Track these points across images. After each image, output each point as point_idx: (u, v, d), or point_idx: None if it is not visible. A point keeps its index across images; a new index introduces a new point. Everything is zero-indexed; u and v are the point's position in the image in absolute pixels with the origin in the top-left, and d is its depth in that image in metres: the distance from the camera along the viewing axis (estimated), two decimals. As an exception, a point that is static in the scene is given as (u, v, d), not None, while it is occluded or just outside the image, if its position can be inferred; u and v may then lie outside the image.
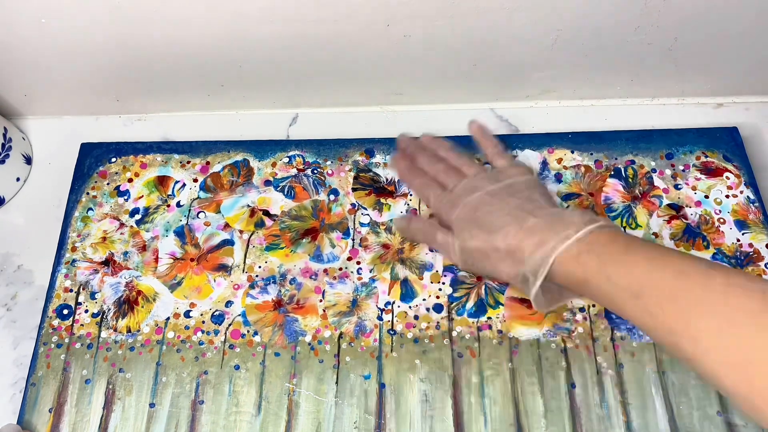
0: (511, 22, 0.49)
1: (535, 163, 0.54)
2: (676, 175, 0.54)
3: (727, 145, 0.55)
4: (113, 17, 0.48)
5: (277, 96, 0.59)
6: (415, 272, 0.50)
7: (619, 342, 0.47)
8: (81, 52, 0.52)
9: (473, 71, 0.56)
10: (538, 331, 0.47)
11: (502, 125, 0.59)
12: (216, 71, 0.55)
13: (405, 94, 0.59)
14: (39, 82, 0.57)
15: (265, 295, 0.49)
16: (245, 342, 0.47)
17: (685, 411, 0.44)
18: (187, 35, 0.50)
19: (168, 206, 0.53)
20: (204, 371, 0.46)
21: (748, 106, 0.60)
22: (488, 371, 0.46)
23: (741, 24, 0.50)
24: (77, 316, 0.49)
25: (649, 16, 0.49)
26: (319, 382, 0.46)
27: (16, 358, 0.49)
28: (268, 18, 0.48)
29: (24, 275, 0.53)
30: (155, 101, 0.59)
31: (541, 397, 0.45)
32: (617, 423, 0.44)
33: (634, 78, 0.57)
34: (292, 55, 0.53)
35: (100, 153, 0.56)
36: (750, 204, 0.52)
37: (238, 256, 0.51)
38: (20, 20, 0.49)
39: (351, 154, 0.56)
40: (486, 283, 0.49)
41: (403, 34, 0.50)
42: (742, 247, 0.50)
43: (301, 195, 0.54)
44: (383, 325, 0.48)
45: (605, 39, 0.52)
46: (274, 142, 0.57)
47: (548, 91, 0.59)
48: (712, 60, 0.55)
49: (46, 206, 0.55)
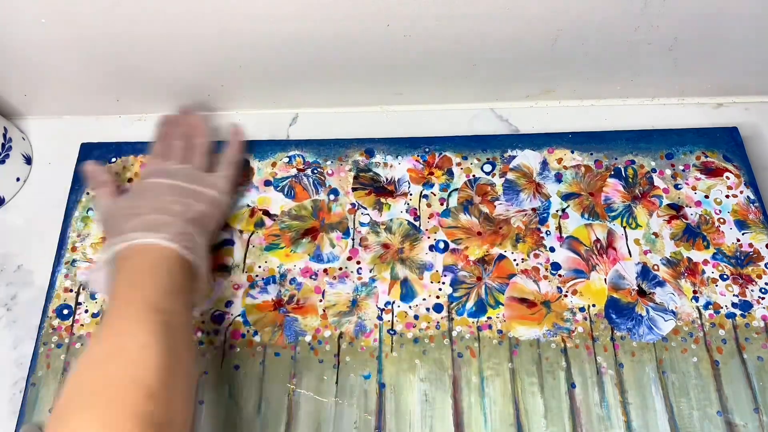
0: (511, 22, 0.49)
1: (536, 163, 0.55)
2: (676, 175, 0.54)
3: (727, 145, 0.55)
4: (113, 17, 0.48)
5: (277, 96, 0.59)
6: (415, 272, 0.50)
7: (619, 342, 0.47)
8: (81, 52, 0.52)
9: (473, 71, 0.56)
10: (538, 331, 0.47)
11: (502, 125, 0.59)
12: (216, 71, 0.55)
13: (405, 94, 0.59)
14: (39, 82, 0.57)
15: (265, 295, 0.49)
16: (245, 342, 0.47)
17: (685, 411, 0.44)
18: (187, 35, 0.50)
19: (168, 206, 0.53)
20: (204, 371, 0.46)
21: (748, 106, 0.60)
22: (488, 371, 0.46)
23: (741, 24, 0.50)
24: (77, 316, 0.49)
25: (649, 16, 0.49)
26: (319, 382, 0.46)
27: (16, 358, 0.49)
28: (268, 18, 0.48)
29: (24, 275, 0.52)
30: (155, 101, 0.59)
31: (541, 397, 0.45)
32: (617, 423, 0.44)
33: (634, 78, 0.57)
34: (292, 55, 0.53)
35: (100, 153, 0.56)
36: (750, 204, 0.52)
37: (238, 256, 0.51)
38: (20, 20, 0.49)
39: (351, 154, 0.56)
40: (486, 283, 0.49)
41: (403, 34, 0.50)
42: (742, 247, 0.50)
43: (301, 195, 0.54)
44: (383, 325, 0.48)
45: (605, 39, 0.52)
46: (274, 142, 0.57)
47: (548, 91, 0.59)
48: (712, 60, 0.55)
49: (46, 206, 0.55)
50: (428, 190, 0.54)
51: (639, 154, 0.55)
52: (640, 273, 0.49)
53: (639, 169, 0.54)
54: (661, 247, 0.50)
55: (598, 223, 0.52)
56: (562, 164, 0.54)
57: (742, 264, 0.49)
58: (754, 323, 0.47)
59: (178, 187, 0.48)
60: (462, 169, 0.54)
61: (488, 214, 0.52)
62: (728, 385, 0.45)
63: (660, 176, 0.54)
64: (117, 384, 0.34)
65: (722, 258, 0.50)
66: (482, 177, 0.54)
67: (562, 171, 0.54)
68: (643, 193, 0.53)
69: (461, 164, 0.55)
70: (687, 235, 0.51)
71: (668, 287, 0.49)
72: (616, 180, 0.54)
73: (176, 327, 0.39)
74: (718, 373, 0.45)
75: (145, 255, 0.42)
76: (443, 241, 0.51)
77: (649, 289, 0.49)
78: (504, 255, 0.50)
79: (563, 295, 0.49)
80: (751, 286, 0.49)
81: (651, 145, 0.55)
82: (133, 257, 0.42)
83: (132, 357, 0.35)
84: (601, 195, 0.53)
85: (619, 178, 0.54)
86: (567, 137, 0.56)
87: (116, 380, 0.34)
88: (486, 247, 0.51)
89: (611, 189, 0.53)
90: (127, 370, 0.35)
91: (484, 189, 0.53)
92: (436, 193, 0.53)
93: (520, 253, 0.50)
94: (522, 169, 0.54)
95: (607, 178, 0.54)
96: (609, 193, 0.53)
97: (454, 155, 0.55)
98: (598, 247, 0.51)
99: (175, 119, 0.55)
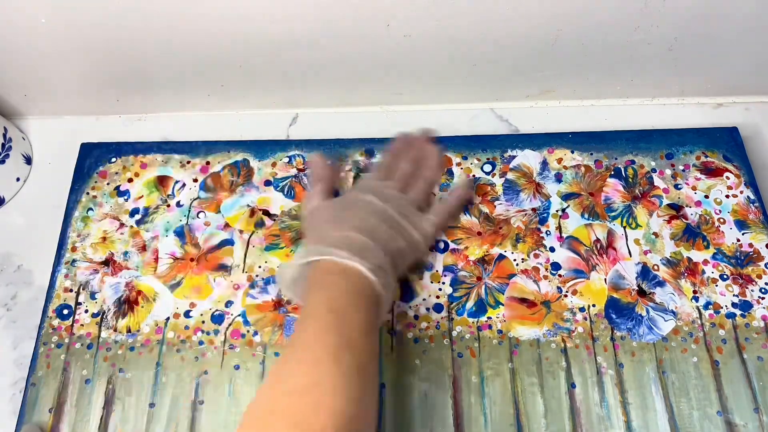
0: (511, 22, 0.49)
1: (536, 163, 0.54)
2: (676, 175, 0.54)
3: (727, 145, 0.55)
4: (113, 17, 0.48)
5: (277, 96, 0.59)
6: (415, 272, 0.50)
7: (619, 342, 0.47)
8: (81, 52, 0.52)
9: (473, 71, 0.56)
10: (538, 331, 0.47)
11: (502, 125, 0.59)
12: (216, 71, 0.55)
13: (405, 94, 0.59)
14: (39, 82, 0.57)
15: (265, 295, 0.49)
16: (245, 342, 0.47)
17: (685, 411, 0.44)
18: (188, 35, 0.50)
19: (168, 206, 0.53)
20: (204, 371, 0.46)
21: (748, 106, 0.60)
22: (488, 371, 0.46)
23: (741, 24, 0.50)
24: (77, 316, 0.49)
25: (649, 16, 0.49)
26: (319, 382, 0.46)
27: (16, 358, 0.49)
28: (268, 18, 0.48)
29: (24, 275, 0.52)
30: (155, 101, 0.59)
31: (541, 397, 0.45)
32: (617, 423, 0.44)
33: (634, 78, 0.57)
34: (292, 55, 0.53)
35: (100, 153, 0.56)
36: (750, 204, 0.52)
37: (238, 256, 0.51)
38: (20, 20, 0.49)
39: (351, 154, 0.56)
40: (486, 282, 0.49)
41: (403, 34, 0.50)
42: (742, 247, 0.50)
43: (301, 195, 0.54)
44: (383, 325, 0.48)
45: (605, 39, 0.52)
46: (274, 142, 0.57)
47: (548, 91, 0.59)
48: (712, 60, 0.55)
49: (46, 206, 0.55)
50: (428, 190, 0.53)
51: (639, 154, 0.55)
52: (640, 273, 0.49)
53: (639, 169, 0.54)
54: (661, 247, 0.50)
55: (598, 223, 0.52)
56: (562, 164, 0.54)
57: (742, 264, 0.49)
58: (754, 323, 0.47)
59: (389, 217, 0.45)
60: (462, 169, 0.54)
61: (488, 214, 0.52)
62: (728, 385, 0.45)
63: (660, 176, 0.54)
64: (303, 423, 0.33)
65: (722, 258, 0.50)
66: (482, 177, 0.54)
67: (562, 171, 0.54)
68: (643, 193, 0.53)
69: (461, 164, 0.55)
70: (687, 235, 0.51)
71: (668, 287, 0.49)
72: (616, 180, 0.54)
73: (368, 369, 0.37)
74: (718, 373, 0.45)
75: (348, 279, 0.40)
76: (443, 241, 0.51)
77: (649, 289, 0.49)
78: (504, 255, 0.50)
79: (563, 295, 0.49)
80: (751, 286, 0.49)
81: (651, 145, 0.55)
82: (334, 275, 0.40)
83: (324, 401, 0.34)
84: (601, 195, 0.53)
85: (619, 178, 0.54)
86: (567, 137, 0.56)
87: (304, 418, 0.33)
88: (486, 247, 0.51)
89: (611, 189, 0.53)
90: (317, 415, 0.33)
91: (484, 189, 0.53)
92: (436, 193, 0.53)
93: (520, 253, 0.50)
94: (522, 169, 0.54)
95: (607, 178, 0.54)
96: (609, 193, 0.53)
97: (454, 155, 0.55)
98: (598, 247, 0.51)
99: (412, 140, 0.53)
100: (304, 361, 0.36)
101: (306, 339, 0.37)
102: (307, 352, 0.36)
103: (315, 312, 0.39)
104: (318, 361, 0.36)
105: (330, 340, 0.37)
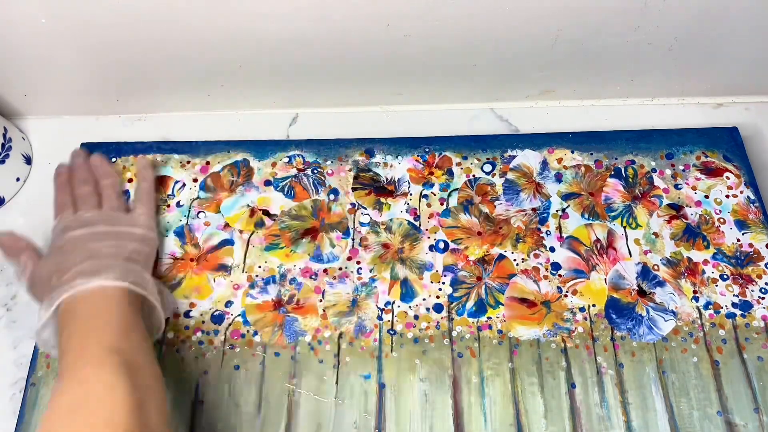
0: (511, 22, 0.49)
1: (536, 163, 0.55)
2: (676, 175, 0.54)
3: (727, 145, 0.55)
4: (113, 17, 0.48)
5: (277, 96, 0.59)
6: (415, 272, 0.50)
7: (619, 342, 0.47)
8: (81, 52, 0.52)
9: (473, 71, 0.56)
10: (538, 331, 0.47)
11: (502, 125, 0.59)
12: (216, 71, 0.55)
13: (405, 94, 0.59)
14: (39, 82, 0.57)
15: (265, 295, 0.49)
16: (245, 342, 0.47)
17: (685, 411, 0.44)
18: (188, 35, 0.50)
19: (168, 206, 0.53)
20: (204, 371, 0.46)
21: (748, 106, 0.60)
22: (488, 371, 0.46)
23: (741, 24, 0.51)
24: (77, 316, 0.49)
25: (649, 16, 0.49)
26: (319, 382, 0.46)
27: (16, 358, 0.49)
28: (268, 18, 0.48)
29: (24, 275, 0.52)
30: (155, 101, 0.59)
31: (541, 397, 0.45)
32: (617, 423, 0.44)
33: (634, 78, 0.57)
34: (292, 55, 0.53)
35: (100, 153, 0.56)
36: (750, 204, 0.52)
37: (238, 256, 0.51)
38: (20, 20, 0.49)
39: (351, 154, 0.56)
40: (486, 282, 0.49)
41: (403, 34, 0.50)
42: (742, 247, 0.50)
43: (301, 195, 0.54)
44: (383, 325, 0.48)
45: (605, 39, 0.52)
46: (274, 142, 0.57)
47: (548, 91, 0.59)
48: (712, 60, 0.55)
49: (46, 206, 0.55)
50: (428, 190, 0.54)
51: (639, 154, 0.55)
52: (640, 273, 0.49)
53: (639, 169, 0.54)
54: (661, 247, 0.50)
55: (598, 223, 0.52)
56: (562, 164, 0.54)
57: (742, 264, 0.49)
58: (754, 323, 0.47)
59: (102, 233, 0.46)
60: (462, 169, 0.54)
61: (488, 214, 0.52)
62: (728, 385, 0.45)
63: (660, 176, 0.54)
64: (91, 430, 0.33)
65: (722, 258, 0.50)
66: (482, 177, 0.54)
67: (562, 171, 0.54)
68: (643, 193, 0.53)
69: (461, 164, 0.55)
70: (687, 235, 0.51)
71: (668, 287, 0.49)
72: (616, 180, 0.54)
73: (138, 364, 0.38)
74: (718, 373, 0.45)
75: (91, 301, 0.41)
76: (443, 241, 0.51)
77: (649, 289, 0.49)
78: (504, 255, 0.50)
79: (563, 295, 0.49)
80: (751, 286, 0.49)
81: (651, 145, 0.55)
82: (77, 306, 0.40)
83: (101, 400, 0.34)
84: (601, 195, 0.53)
85: (619, 178, 0.54)
86: (567, 137, 0.56)
87: (89, 426, 0.33)
88: (486, 247, 0.51)
89: (611, 189, 0.53)
90: (98, 415, 0.34)
91: (484, 189, 0.53)
92: (436, 193, 0.53)
93: (520, 253, 0.50)
94: (522, 169, 0.54)
95: (607, 178, 0.54)
96: (609, 193, 0.53)
97: (454, 155, 0.55)
98: (598, 247, 0.51)
99: (70, 168, 0.52)
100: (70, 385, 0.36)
101: (67, 368, 0.37)
102: (70, 378, 0.36)
103: (68, 344, 0.38)
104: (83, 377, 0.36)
105: (87, 355, 0.37)
